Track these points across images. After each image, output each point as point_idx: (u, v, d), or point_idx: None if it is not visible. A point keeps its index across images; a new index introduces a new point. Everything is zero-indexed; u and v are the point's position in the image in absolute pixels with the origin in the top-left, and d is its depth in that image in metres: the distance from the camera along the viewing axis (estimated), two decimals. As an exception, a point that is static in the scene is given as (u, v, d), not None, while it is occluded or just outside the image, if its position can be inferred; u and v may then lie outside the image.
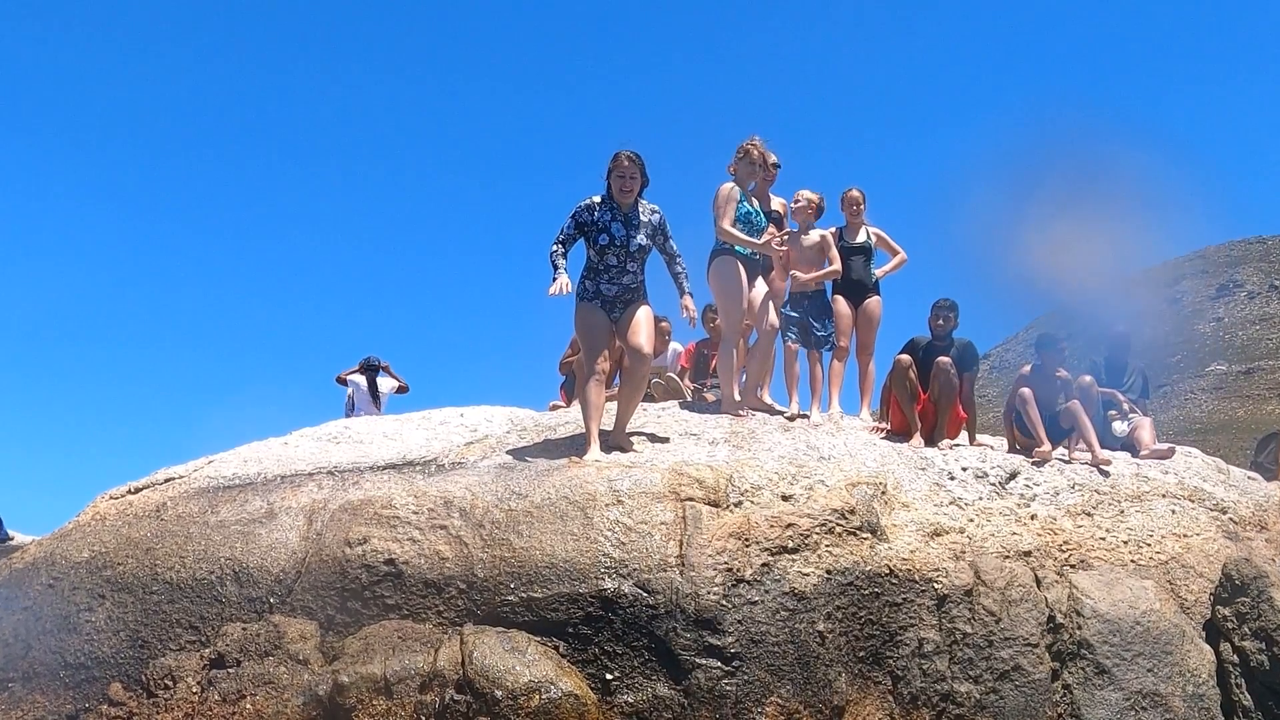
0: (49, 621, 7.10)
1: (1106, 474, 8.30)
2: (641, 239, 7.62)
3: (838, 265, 9.40)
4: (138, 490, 8.32)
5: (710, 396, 9.25)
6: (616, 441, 7.58)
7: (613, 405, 7.90)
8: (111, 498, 8.34)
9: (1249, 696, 6.80)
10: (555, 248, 7.61)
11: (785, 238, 9.18)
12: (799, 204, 9.62)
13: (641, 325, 7.63)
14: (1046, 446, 8.41)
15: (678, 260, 7.92)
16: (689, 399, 9.25)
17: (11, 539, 14.86)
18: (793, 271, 9.30)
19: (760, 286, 8.71)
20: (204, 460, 8.74)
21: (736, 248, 8.54)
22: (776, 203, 9.65)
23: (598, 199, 7.66)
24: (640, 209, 7.67)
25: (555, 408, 9.82)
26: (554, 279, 7.49)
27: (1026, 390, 8.79)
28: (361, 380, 15.42)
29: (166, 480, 8.36)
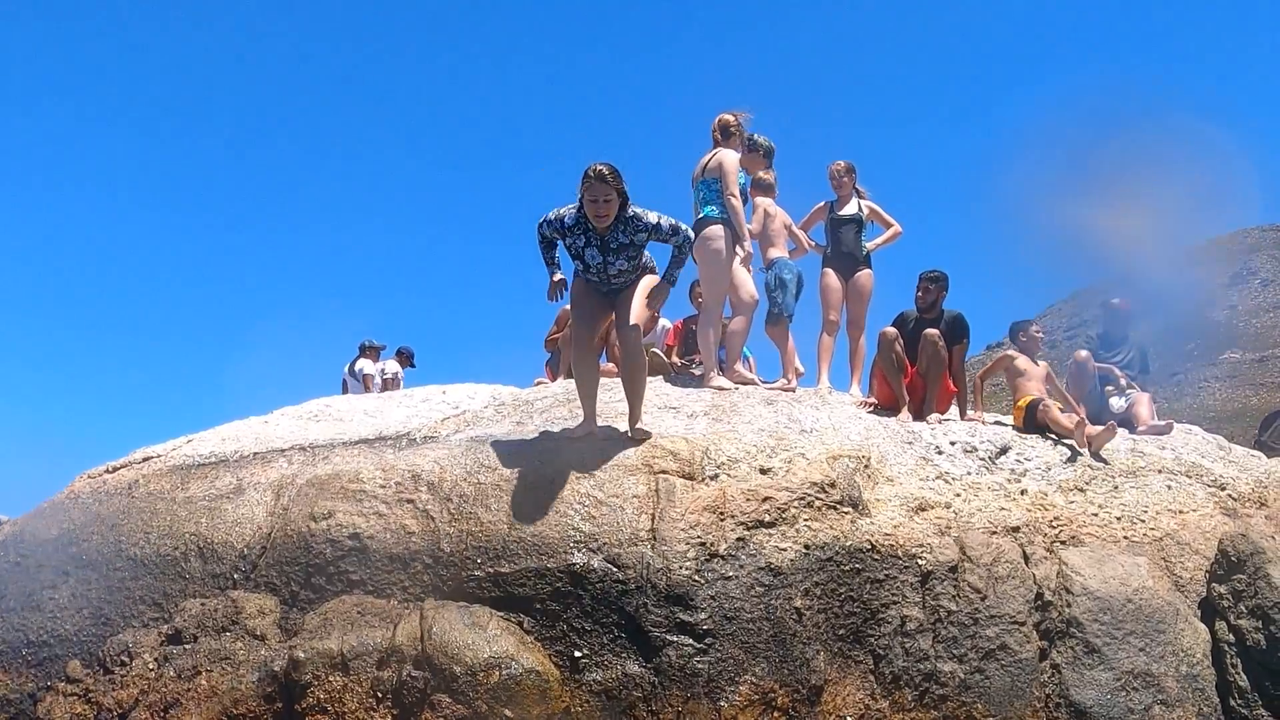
0: (14, 599, 6.99)
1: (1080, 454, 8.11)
2: (622, 264, 6.92)
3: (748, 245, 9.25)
4: (115, 469, 8.18)
5: (698, 372, 9.06)
6: (636, 437, 7.04)
7: (606, 380, 7.74)
8: (89, 476, 8.21)
9: (1245, 676, 6.55)
10: (542, 248, 7.02)
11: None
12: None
13: (633, 301, 7.05)
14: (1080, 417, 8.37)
15: (680, 245, 6.95)
16: (673, 374, 9.06)
17: (2, 524, 14.80)
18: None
19: (739, 260, 8.57)
20: (183, 439, 8.60)
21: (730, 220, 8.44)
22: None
23: (571, 211, 6.80)
24: (620, 229, 6.79)
25: (540, 384, 9.63)
26: (550, 280, 6.97)
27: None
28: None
29: (145, 459, 8.22)
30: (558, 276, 6.97)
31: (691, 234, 7.06)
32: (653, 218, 6.82)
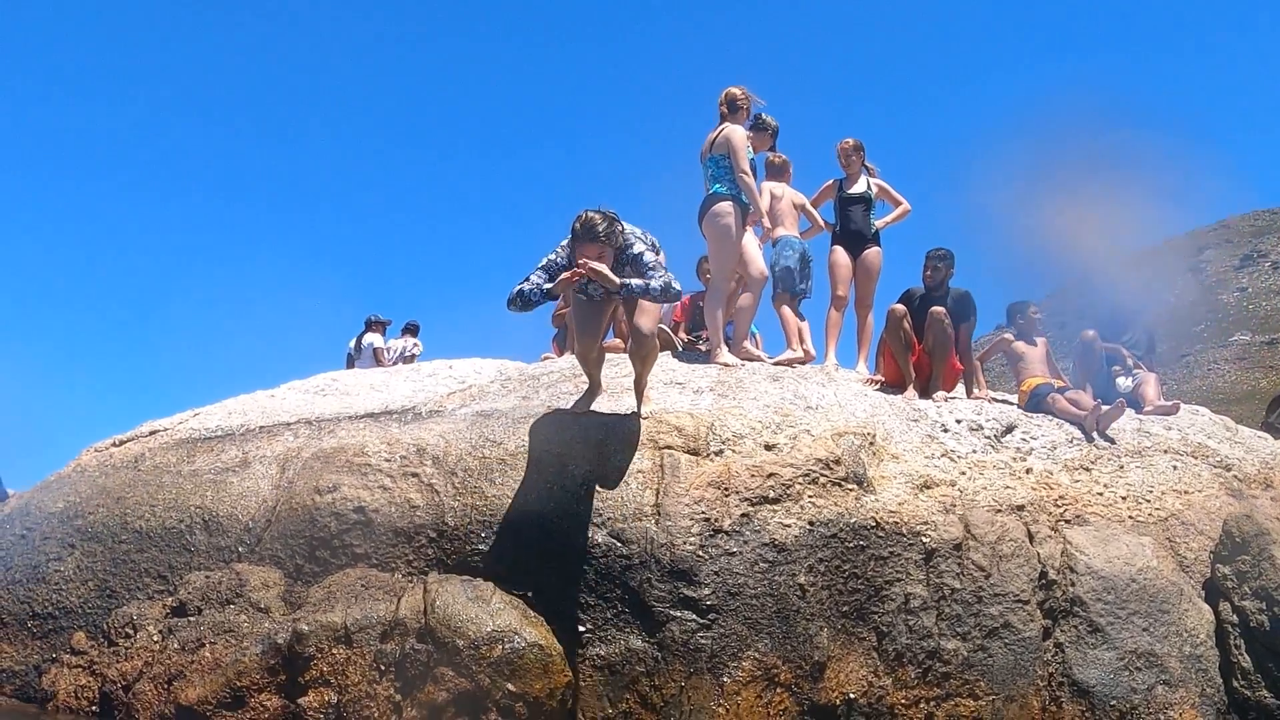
0: (19, 571, 7.02)
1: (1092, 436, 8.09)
2: (621, 295, 6.42)
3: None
4: (122, 443, 8.21)
5: (704, 348, 9.06)
6: (639, 408, 6.95)
7: (612, 355, 7.72)
8: (96, 450, 8.24)
9: (1248, 658, 6.53)
10: (530, 290, 6.14)
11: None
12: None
13: (647, 306, 6.60)
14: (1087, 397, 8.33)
15: (646, 292, 6.23)
16: (680, 350, 9.05)
17: (9, 496, 14.88)
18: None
19: (750, 236, 8.54)
20: (189, 413, 8.61)
21: (742, 196, 8.40)
22: None
23: (564, 253, 6.28)
24: (616, 263, 6.24)
25: (547, 359, 9.63)
26: (551, 292, 6.19)
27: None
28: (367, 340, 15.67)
29: (151, 432, 8.24)
30: (559, 280, 6.18)
31: (672, 286, 6.23)
32: (637, 248, 6.28)
